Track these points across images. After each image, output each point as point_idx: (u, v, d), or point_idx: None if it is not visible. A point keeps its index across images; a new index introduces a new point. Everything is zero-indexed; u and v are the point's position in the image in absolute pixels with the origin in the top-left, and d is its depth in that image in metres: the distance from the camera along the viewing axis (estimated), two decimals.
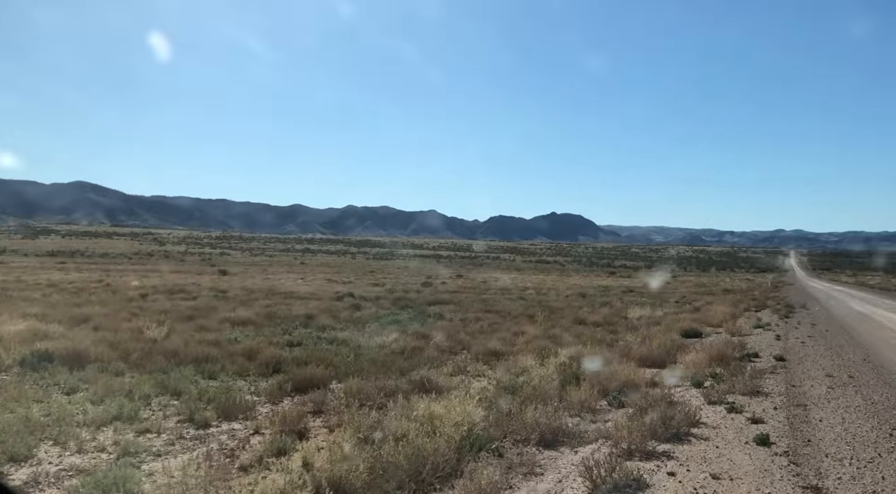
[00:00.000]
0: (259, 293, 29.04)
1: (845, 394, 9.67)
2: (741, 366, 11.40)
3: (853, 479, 5.82)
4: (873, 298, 42.94)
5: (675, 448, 6.65)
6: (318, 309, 20.93)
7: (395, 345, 13.04)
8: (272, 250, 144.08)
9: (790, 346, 15.44)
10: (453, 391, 8.32)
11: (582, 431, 7.19)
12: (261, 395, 9.03)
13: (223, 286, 33.47)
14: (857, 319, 24.70)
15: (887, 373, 11.66)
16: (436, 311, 22.01)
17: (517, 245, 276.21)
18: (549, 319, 19.99)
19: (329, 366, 10.41)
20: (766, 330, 19.11)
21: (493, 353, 12.66)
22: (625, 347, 13.25)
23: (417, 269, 79.94)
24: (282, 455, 6.12)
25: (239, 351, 11.66)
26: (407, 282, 44.73)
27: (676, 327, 17.95)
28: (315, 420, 7.70)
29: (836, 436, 7.25)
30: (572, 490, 5.42)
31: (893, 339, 17.57)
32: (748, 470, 5.99)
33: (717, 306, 26.14)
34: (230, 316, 17.60)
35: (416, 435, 5.97)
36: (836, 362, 13.02)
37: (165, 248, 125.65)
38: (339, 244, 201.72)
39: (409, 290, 35.30)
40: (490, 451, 6.12)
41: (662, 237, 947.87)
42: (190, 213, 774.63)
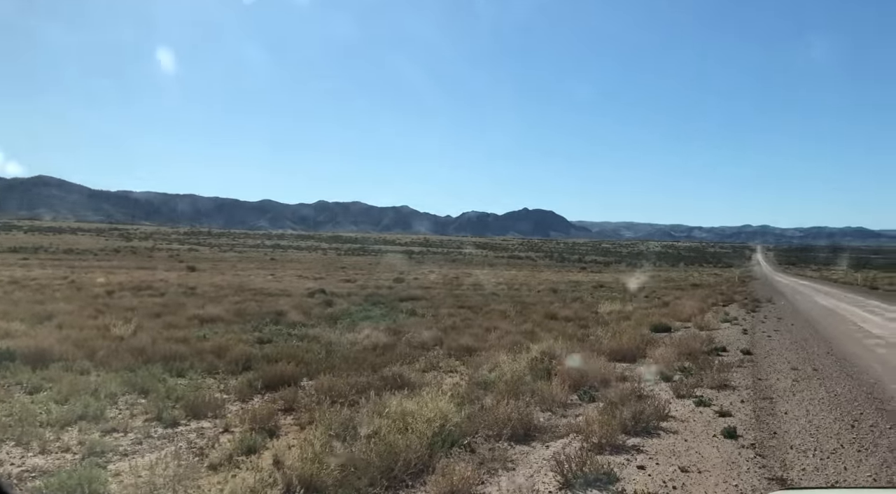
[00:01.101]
0: (228, 289, 28.70)
1: (810, 387, 9.87)
2: (709, 360, 11.57)
3: (817, 470, 5.95)
4: (837, 292, 43.94)
5: (644, 441, 6.73)
6: (288, 306, 20.74)
7: (367, 342, 12.98)
8: (242, 246, 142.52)
9: (757, 340, 15.71)
10: (426, 387, 8.31)
11: (553, 425, 7.24)
12: (230, 393, 8.92)
13: (192, 282, 32.99)
14: (821, 313, 25.25)
15: (850, 366, 11.94)
16: (408, 307, 21.96)
17: (490, 240, 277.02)
18: (522, 314, 20.08)
19: (300, 363, 10.32)
20: (733, 325, 19.43)
21: (466, 349, 12.68)
22: (595, 342, 13.37)
23: (389, 265, 79.75)
24: (252, 453, 6.06)
25: (208, 349, 11.52)
26: (379, 278, 44.57)
27: (646, 322, 18.15)
28: (286, 418, 7.63)
29: (801, 428, 7.40)
30: (544, 485, 5.45)
31: (856, 333, 18.00)
32: (716, 463, 6.08)
33: (686, 301, 26.50)
34: (199, 313, 17.37)
35: (388, 432, 5.95)
36: (801, 355, 13.30)
37: (132, 244, 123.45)
38: (311, 240, 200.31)
39: (381, 286, 35.18)
40: (462, 447, 6.13)
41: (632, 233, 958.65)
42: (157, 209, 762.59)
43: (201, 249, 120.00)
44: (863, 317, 23.13)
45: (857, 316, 23.52)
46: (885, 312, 25.76)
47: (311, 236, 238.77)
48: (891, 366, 11.95)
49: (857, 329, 19.05)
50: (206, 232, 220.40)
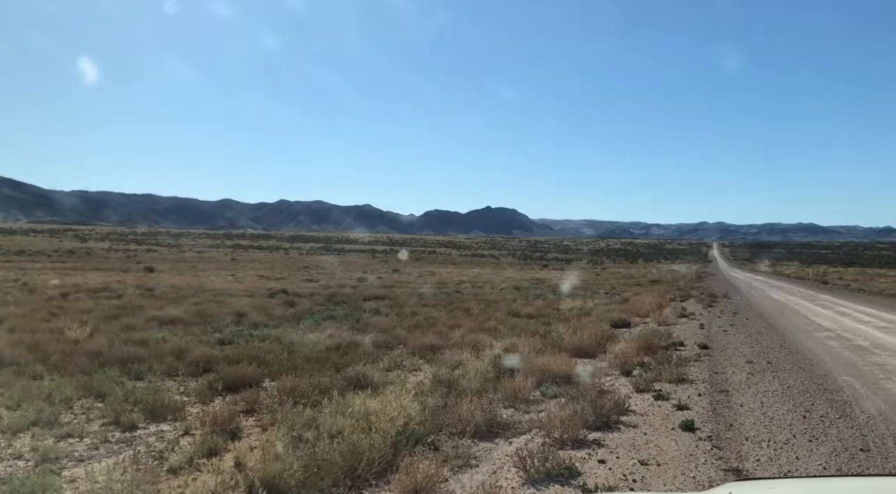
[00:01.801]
0: (188, 290, 28.21)
1: (764, 380, 10.14)
2: (667, 355, 11.80)
3: (770, 460, 6.12)
4: (789, 287, 45.20)
5: (605, 436, 6.84)
6: (250, 307, 20.49)
7: (330, 342, 12.90)
8: (201, 246, 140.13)
9: (713, 334, 16.08)
10: (389, 386, 8.31)
11: (516, 422, 7.30)
12: (191, 395, 8.79)
13: (150, 284, 32.34)
14: (774, 308, 25.95)
15: (802, 358, 12.31)
16: (371, 307, 21.89)
17: (453, 239, 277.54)
18: (485, 312, 20.18)
19: (262, 364, 10.22)
20: (690, 320, 19.84)
21: (430, 347, 12.69)
22: (557, 338, 13.52)
23: (352, 264, 79.31)
24: (213, 455, 5.99)
25: (167, 351, 11.32)
26: (341, 278, 44.31)
27: (606, 318, 18.41)
28: (248, 420, 7.55)
29: (756, 420, 7.61)
30: (506, 481, 5.50)
31: (807, 326, 18.55)
32: (674, 456, 6.22)
33: (645, 297, 26.94)
34: (158, 315, 17.04)
35: (351, 432, 5.94)
36: (756, 349, 13.65)
37: (88, 245, 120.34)
38: (272, 239, 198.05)
39: (344, 286, 34.96)
40: (426, 445, 6.15)
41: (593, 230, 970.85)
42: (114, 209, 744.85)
43: (159, 250, 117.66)
44: (814, 311, 23.85)
45: (809, 311, 24.24)
46: (834, 306, 26.59)
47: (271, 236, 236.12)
48: (840, 359, 12.35)
49: (808, 322, 19.63)
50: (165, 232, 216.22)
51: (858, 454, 6.32)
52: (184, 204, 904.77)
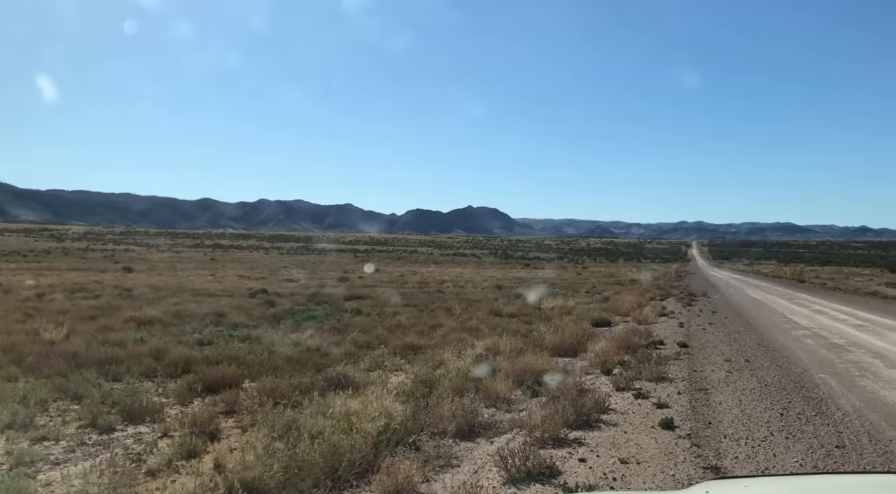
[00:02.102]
0: (167, 291, 27.91)
1: (742, 378, 10.26)
2: (647, 354, 11.88)
3: (748, 458, 6.19)
4: (767, 285, 45.75)
5: (585, 434, 6.87)
6: (229, 307, 20.32)
7: (311, 342, 12.84)
8: (180, 246, 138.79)
9: (692, 333, 16.22)
10: (370, 386, 8.28)
11: (497, 421, 7.32)
12: (169, 396, 8.70)
13: (128, 284, 31.95)
14: (752, 306, 26.25)
15: (779, 356, 12.46)
16: (353, 306, 21.80)
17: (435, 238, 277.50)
18: (467, 311, 20.19)
19: (242, 365, 10.13)
20: (670, 318, 20.00)
21: (411, 347, 12.67)
22: (538, 337, 13.57)
23: (333, 264, 78.98)
24: (192, 457, 5.94)
25: (145, 352, 11.18)
26: (323, 278, 44.10)
27: (587, 316, 18.51)
28: (227, 421, 7.49)
29: (734, 418, 7.69)
30: (487, 480, 5.51)
31: (784, 324, 18.79)
32: (654, 454, 6.26)
33: (625, 295, 27.11)
34: (136, 316, 16.83)
35: (332, 433, 5.91)
36: (734, 347, 13.80)
37: (64, 245, 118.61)
38: (252, 239, 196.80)
39: (325, 285, 34.80)
40: (407, 445, 6.14)
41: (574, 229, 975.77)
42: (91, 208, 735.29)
43: (138, 249, 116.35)
44: (791, 309, 24.17)
45: (786, 309, 24.55)
46: (811, 304, 26.97)
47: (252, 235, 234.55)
48: (816, 356, 12.52)
49: (785, 320, 19.89)
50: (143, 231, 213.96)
51: (834, 450, 6.41)
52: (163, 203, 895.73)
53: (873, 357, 12.43)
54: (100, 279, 36.45)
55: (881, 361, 11.90)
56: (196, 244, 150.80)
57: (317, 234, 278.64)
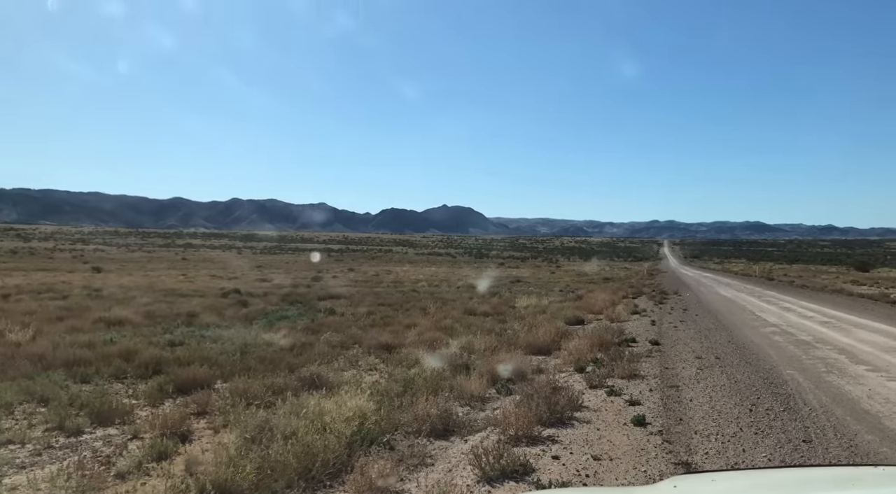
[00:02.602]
0: (137, 291, 27.51)
1: (712, 374, 10.40)
2: (620, 351, 11.99)
3: (718, 453, 6.29)
4: (737, 284, 46.47)
5: (559, 432, 6.92)
6: (201, 307, 20.09)
7: (284, 342, 12.75)
8: (151, 245, 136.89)
9: (664, 331, 16.41)
10: (344, 386, 8.25)
11: (472, 420, 7.33)
12: (140, 398, 8.57)
13: (97, 284, 31.42)
14: (722, 304, 26.64)
15: (748, 353, 12.66)
16: (327, 306, 21.70)
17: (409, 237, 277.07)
18: (441, 311, 20.21)
19: (214, 365, 10.04)
20: (642, 316, 20.21)
21: (386, 346, 12.65)
22: (513, 336, 13.63)
23: (307, 264, 78.48)
24: (163, 459, 5.86)
25: (115, 353, 11.00)
26: (296, 277, 43.79)
27: (561, 315, 18.63)
28: (199, 422, 7.40)
29: (705, 414, 7.79)
30: (462, 479, 5.52)
31: (754, 322, 19.10)
32: (626, 450, 6.33)
33: (598, 294, 27.36)
34: (105, 316, 16.56)
35: (305, 433, 5.88)
36: (705, 344, 13.99)
37: (31, 245, 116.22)
38: (224, 238, 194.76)
39: (299, 285, 34.57)
40: (381, 445, 6.12)
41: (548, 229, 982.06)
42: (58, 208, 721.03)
43: (107, 249, 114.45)
44: (760, 307, 24.58)
45: (755, 306, 24.96)
46: (779, 302, 27.46)
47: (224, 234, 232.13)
48: (785, 353, 12.75)
49: (755, 318, 20.22)
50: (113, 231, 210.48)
51: (801, 445, 6.54)
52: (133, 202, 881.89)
53: (839, 353, 12.69)
54: (68, 279, 35.79)
55: (846, 357, 12.16)
56: (167, 243, 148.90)
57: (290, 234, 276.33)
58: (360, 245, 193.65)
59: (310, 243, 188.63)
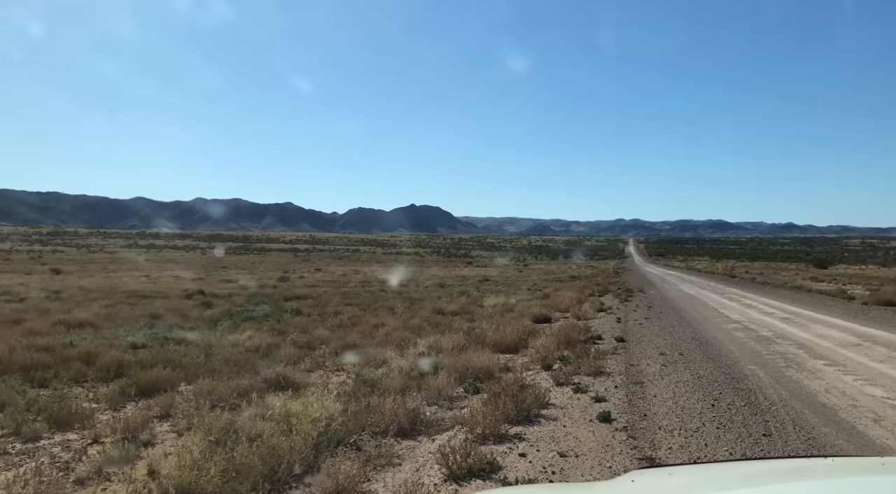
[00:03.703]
0: (98, 293, 26.95)
1: (676, 370, 10.57)
2: (586, 349, 12.11)
3: (681, 448, 6.39)
4: (700, 281, 47.27)
5: (526, 429, 6.96)
6: (165, 309, 19.77)
7: (250, 343, 12.62)
8: (112, 246, 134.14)
9: (629, 328, 16.62)
10: (311, 387, 8.19)
11: (439, 419, 7.34)
12: (100, 401, 8.40)
13: (56, 286, 30.70)
14: (686, 301, 27.07)
15: (711, 349, 12.89)
16: (293, 306, 21.51)
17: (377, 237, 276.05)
18: (409, 310, 20.19)
19: (177, 368, 9.88)
20: (608, 314, 20.44)
21: (353, 347, 12.59)
22: (480, 334, 13.67)
23: (273, 264, 77.68)
24: (125, 464, 5.75)
25: (75, 356, 10.76)
26: (262, 278, 43.34)
27: (528, 313, 18.74)
28: (162, 425, 7.28)
29: (668, 410, 7.91)
30: (429, 478, 5.52)
31: (716, 318, 19.46)
32: (592, 447, 6.39)
33: (565, 292, 27.58)
34: (65, 319, 16.18)
35: (271, 435, 5.82)
36: (669, 341, 14.20)
37: None
38: (188, 239, 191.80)
39: (265, 285, 34.24)
40: (348, 445, 6.09)
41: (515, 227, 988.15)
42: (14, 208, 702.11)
43: (67, 250, 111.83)
44: (722, 304, 25.04)
45: (718, 303, 25.43)
46: (741, 299, 28.02)
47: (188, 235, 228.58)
48: (746, 349, 13.01)
49: (717, 314, 20.60)
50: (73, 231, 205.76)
51: (761, 439, 6.68)
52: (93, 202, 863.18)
53: (798, 348, 13.00)
54: (26, 281, 34.91)
55: (805, 352, 12.46)
56: (130, 244, 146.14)
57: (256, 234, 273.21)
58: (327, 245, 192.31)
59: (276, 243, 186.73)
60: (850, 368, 10.70)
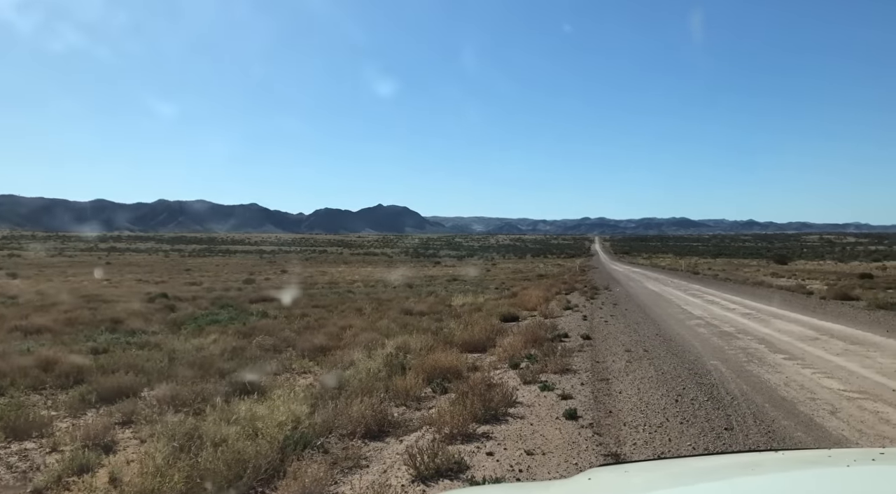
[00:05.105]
0: (58, 297, 26.31)
1: (641, 367, 10.71)
2: (553, 347, 12.21)
3: (646, 443, 6.48)
4: (664, 278, 47.99)
5: (493, 428, 6.99)
6: (126, 313, 19.38)
7: (215, 347, 12.45)
8: (72, 250, 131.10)
9: (595, 325, 16.80)
10: (277, 390, 8.12)
11: (407, 420, 7.33)
12: (60, 409, 8.22)
13: (13, 291, 29.90)
14: (651, 298, 27.46)
15: (675, 346, 13.10)
16: (259, 309, 21.29)
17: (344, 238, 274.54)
18: (378, 311, 20.13)
19: (140, 373, 9.71)
20: (574, 312, 20.62)
21: (320, 349, 12.51)
22: (448, 334, 13.68)
23: (238, 266, 76.76)
24: (85, 472, 5.63)
25: (32, 363, 10.49)
26: (227, 280, 42.79)
27: (496, 312, 18.82)
28: (125, 432, 7.15)
29: (633, 406, 8.02)
30: (397, 479, 5.51)
31: (680, 314, 19.78)
32: (558, 444, 6.45)
33: (533, 291, 27.75)
34: (22, 325, 15.77)
35: (236, 439, 5.75)
36: (634, 338, 14.39)
37: None
38: (150, 241, 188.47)
39: (230, 288, 33.83)
40: (315, 448, 6.05)
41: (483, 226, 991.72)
42: None
43: (25, 254, 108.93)
44: (686, 300, 25.46)
45: (681, 300, 25.85)
46: (704, 295, 28.52)
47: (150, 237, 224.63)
48: (709, 344, 13.26)
49: (681, 311, 20.93)
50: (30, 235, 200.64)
51: (723, 433, 6.81)
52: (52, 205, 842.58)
53: (759, 343, 13.29)
54: None
55: (766, 346, 12.74)
56: (90, 247, 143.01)
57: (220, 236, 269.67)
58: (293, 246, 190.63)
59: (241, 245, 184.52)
60: (809, 362, 10.98)
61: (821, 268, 64.48)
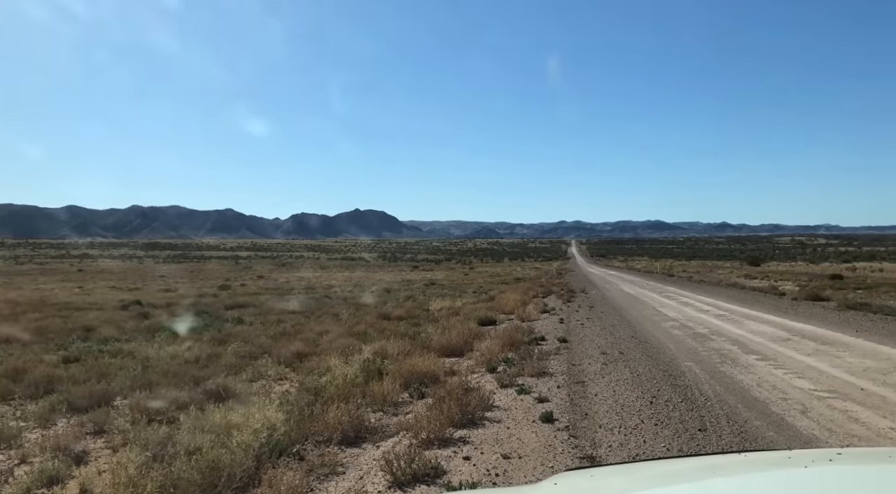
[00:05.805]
0: (27, 305, 25.80)
1: (616, 369, 10.80)
2: (530, 350, 12.26)
3: (621, 445, 6.53)
4: (639, 280, 48.42)
5: (470, 432, 7.00)
6: (99, 321, 19.10)
7: (189, 354, 12.31)
8: (43, 257, 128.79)
9: (572, 328, 16.89)
10: (253, 397, 8.05)
11: (384, 425, 7.31)
12: (29, 419, 8.06)
13: None
14: (626, 300, 27.69)
15: (650, 348, 13.22)
16: (234, 315, 21.09)
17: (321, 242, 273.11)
18: (355, 316, 20.04)
19: (112, 381, 9.57)
20: (551, 315, 20.73)
21: (297, 355, 12.42)
22: (426, 339, 13.68)
23: (213, 272, 75.99)
24: (55, 484, 5.55)
25: (1, 373, 10.30)
26: (202, 286, 42.33)
27: (474, 316, 18.84)
28: (96, 442, 7.04)
29: (609, 408, 8.08)
30: (373, 486, 5.49)
31: (655, 316, 19.97)
32: (535, 448, 6.48)
33: (510, 294, 27.85)
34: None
35: (211, 447, 5.69)
36: (610, 340, 14.50)
37: None
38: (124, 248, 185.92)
39: (205, 295, 33.45)
40: (291, 455, 6.01)
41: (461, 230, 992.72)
42: None
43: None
44: (661, 302, 25.71)
45: (657, 302, 26.10)
46: (679, 297, 28.83)
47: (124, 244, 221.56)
48: (683, 346, 13.40)
49: (656, 313, 21.14)
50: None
51: (697, 434, 6.89)
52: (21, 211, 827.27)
53: (732, 344, 13.47)
54: None
55: (739, 348, 12.92)
56: (62, 254, 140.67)
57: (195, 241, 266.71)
58: (269, 251, 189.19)
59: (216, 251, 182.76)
60: (781, 362, 11.15)
61: (793, 270, 65.55)
